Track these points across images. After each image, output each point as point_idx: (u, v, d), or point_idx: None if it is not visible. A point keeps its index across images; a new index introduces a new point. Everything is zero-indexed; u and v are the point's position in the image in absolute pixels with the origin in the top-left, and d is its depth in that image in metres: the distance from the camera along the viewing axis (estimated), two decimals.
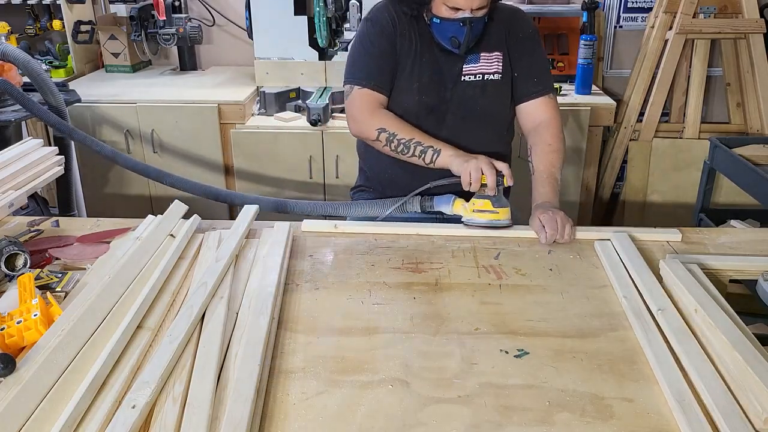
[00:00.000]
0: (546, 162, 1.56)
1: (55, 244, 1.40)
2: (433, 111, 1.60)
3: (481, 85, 1.59)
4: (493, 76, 1.60)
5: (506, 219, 1.47)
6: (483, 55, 1.59)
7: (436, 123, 1.60)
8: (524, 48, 1.62)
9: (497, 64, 1.60)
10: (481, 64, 1.59)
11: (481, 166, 1.42)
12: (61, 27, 3.23)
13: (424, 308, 1.18)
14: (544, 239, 1.41)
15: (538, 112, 1.63)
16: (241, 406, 0.88)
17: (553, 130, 1.60)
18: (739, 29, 2.93)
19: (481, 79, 1.59)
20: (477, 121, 1.62)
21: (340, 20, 2.89)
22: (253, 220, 1.46)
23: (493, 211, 1.46)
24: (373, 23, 1.60)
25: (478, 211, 1.47)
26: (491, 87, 1.60)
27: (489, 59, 1.59)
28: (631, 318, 1.12)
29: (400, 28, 1.58)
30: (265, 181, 2.84)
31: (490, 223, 1.47)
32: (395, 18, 1.58)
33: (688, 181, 3.03)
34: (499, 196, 1.46)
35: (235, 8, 3.34)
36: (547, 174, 1.55)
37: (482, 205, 1.46)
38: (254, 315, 1.10)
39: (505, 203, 1.48)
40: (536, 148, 1.60)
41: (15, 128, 2.39)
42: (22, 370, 0.93)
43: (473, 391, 0.96)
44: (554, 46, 3.16)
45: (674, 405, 0.91)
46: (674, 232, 1.43)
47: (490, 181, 1.43)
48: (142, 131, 2.86)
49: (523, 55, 1.62)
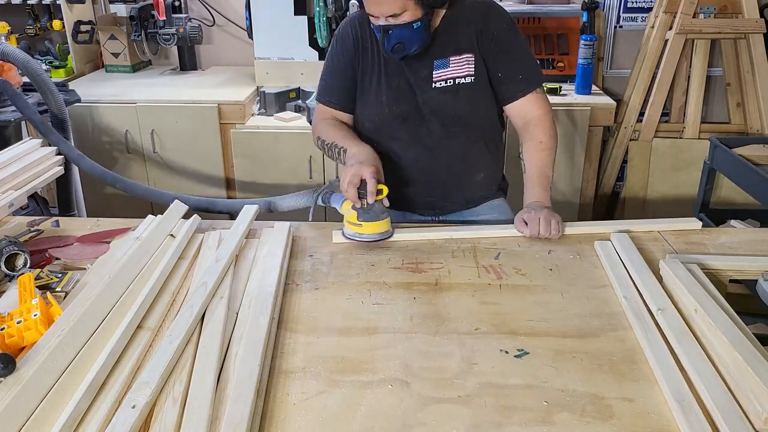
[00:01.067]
0: (537, 160, 1.55)
1: (55, 244, 1.40)
2: (408, 119, 1.57)
3: (453, 90, 1.54)
4: (465, 79, 1.54)
5: (371, 233, 1.40)
6: (452, 59, 1.53)
7: (413, 131, 1.58)
8: (501, 46, 1.54)
9: (468, 66, 1.54)
10: (450, 68, 1.54)
11: (348, 176, 1.38)
12: (61, 27, 3.23)
13: (424, 308, 1.18)
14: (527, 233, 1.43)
15: (527, 110, 1.58)
16: (241, 406, 0.88)
17: (544, 127, 1.56)
18: (739, 29, 2.93)
19: (453, 84, 1.54)
20: (456, 126, 1.58)
21: (340, 20, 2.88)
22: (253, 220, 1.47)
23: (357, 223, 1.40)
24: (337, 39, 1.62)
25: (349, 222, 1.42)
26: (464, 91, 1.55)
27: (459, 62, 1.54)
28: (631, 318, 1.12)
29: (363, 41, 1.57)
30: (265, 181, 2.84)
31: (354, 236, 1.41)
32: (358, 31, 1.57)
33: (688, 181, 3.03)
34: (368, 209, 1.39)
35: (235, 8, 3.34)
36: (537, 173, 1.54)
37: (350, 216, 1.41)
38: (254, 315, 1.10)
39: (375, 216, 1.40)
40: (527, 146, 1.57)
41: (15, 128, 2.39)
42: (22, 370, 0.93)
43: (473, 391, 0.96)
44: (554, 46, 3.16)
45: (674, 405, 0.91)
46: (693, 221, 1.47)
47: (350, 196, 1.38)
48: (142, 131, 2.86)
49: (501, 55, 1.54)
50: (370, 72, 1.58)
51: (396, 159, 1.60)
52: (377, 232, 1.41)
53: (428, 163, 1.60)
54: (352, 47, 1.57)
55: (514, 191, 1.82)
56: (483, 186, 1.69)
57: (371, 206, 1.39)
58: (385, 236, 1.42)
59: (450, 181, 1.63)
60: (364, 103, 1.60)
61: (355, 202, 1.39)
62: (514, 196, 1.75)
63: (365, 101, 1.60)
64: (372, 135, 1.60)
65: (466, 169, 1.63)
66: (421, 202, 1.66)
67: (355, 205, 1.39)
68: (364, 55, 1.57)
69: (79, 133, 2.78)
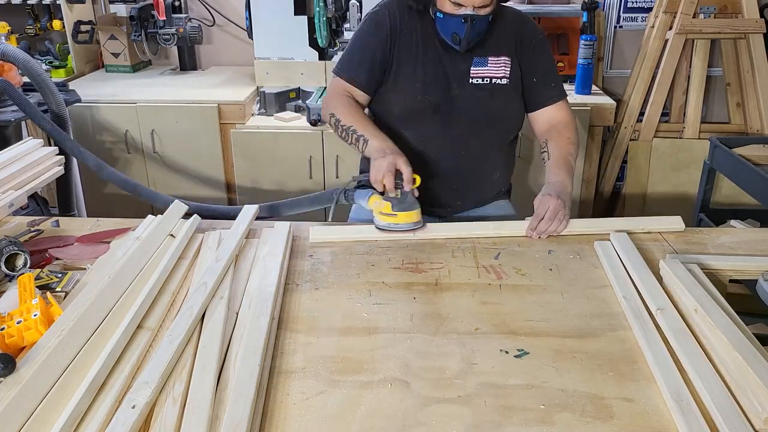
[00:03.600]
0: (564, 149, 1.57)
1: (55, 244, 1.40)
2: (439, 110, 1.59)
3: (489, 88, 1.59)
4: (501, 80, 1.59)
5: (407, 223, 1.42)
6: (491, 59, 1.59)
7: (442, 123, 1.60)
8: (537, 54, 1.62)
9: (504, 68, 1.59)
10: (489, 67, 1.58)
11: (384, 166, 1.39)
12: (61, 27, 3.23)
13: (424, 308, 1.18)
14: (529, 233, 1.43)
15: (557, 116, 1.64)
16: (241, 406, 0.88)
17: (571, 129, 1.63)
18: (739, 29, 2.93)
19: (489, 83, 1.59)
20: (485, 124, 1.61)
21: (340, 20, 2.89)
22: (253, 220, 1.46)
23: (392, 214, 1.42)
24: (371, 18, 1.61)
25: (381, 214, 1.44)
26: (499, 91, 1.60)
27: (497, 63, 1.59)
28: (630, 318, 1.12)
29: (402, 25, 1.57)
30: (265, 181, 2.84)
31: (389, 227, 1.43)
32: (396, 14, 1.58)
33: (688, 181, 3.03)
34: (402, 198, 1.42)
35: (235, 8, 3.34)
36: (563, 159, 1.55)
37: (383, 207, 1.43)
38: (254, 315, 1.10)
39: (409, 206, 1.42)
40: (553, 142, 1.60)
41: (15, 128, 2.39)
42: (22, 370, 0.93)
43: (473, 391, 0.96)
44: (554, 46, 3.16)
45: (672, 405, 0.91)
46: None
47: (388, 184, 1.39)
48: (142, 131, 2.86)
49: (537, 62, 1.62)
50: (406, 59, 1.58)
51: (419, 149, 1.61)
52: (412, 222, 1.44)
53: (451, 156, 1.62)
54: (387, 31, 1.58)
55: (515, 192, 1.84)
56: (495, 186, 1.73)
57: (405, 196, 1.42)
58: (418, 225, 1.44)
59: (468, 177, 1.66)
60: (395, 90, 1.61)
61: (391, 191, 1.40)
62: (515, 198, 1.77)
63: (397, 88, 1.60)
64: (399, 122, 1.61)
65: (486, 167, 1.67)
66: (436, 197, 1.67)
67: (390, 194, 1.41)
68: (401, 42, 1.58)
69: (79, 133, 2.77)
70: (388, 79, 1.60)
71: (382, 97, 1.63)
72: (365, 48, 1.60)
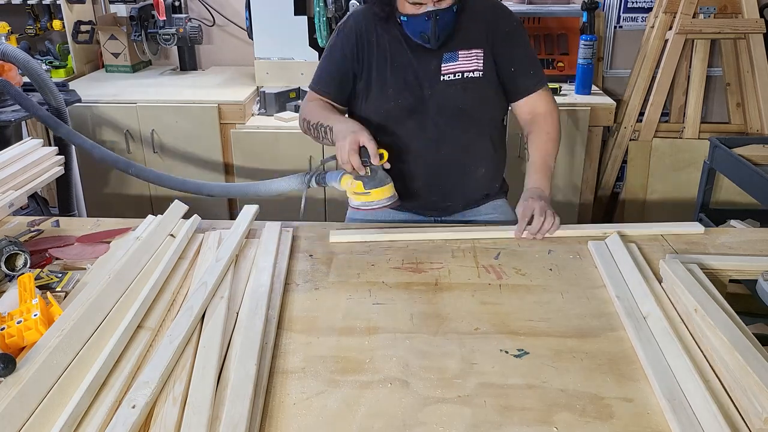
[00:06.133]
0: (542, 150, 1.57)
1: (55, 244, 1.40)
2: (414, 113, 1.57)
3: (461, 83, 1.56)
4: (473, 74, 1.56)
5: (380, 199, 1.40)
6: (461, 53, 1.55)
7: (418, 125, 1.58)
8: (512, 43, 1.58)
9: (477, 61, 1.56)
10: (459, 62, 1.55)
11: (347, 146, 1.37)
12: (61, 27, 3.23)
13: (424, 308, 1.18)
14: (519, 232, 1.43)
15: (538, 105, 1.61)
16: (239, 406, 0.88)
17: (552, 120, 1.61)
18: (739, 29, 2.93)
19: (461, 77, 1.55)
20: (461, 120, 1.59)
21: (340, 20, 2.88)
22: (253, 220, 1.47)
23: (365, 192, 1.39)
24: (339, 31, 1.62)
25: (355, 193, 1.41)
26: (471, 85, 1.56)
27: (468, 57, 1.56)
28: (624, 318, 1.12)
29: (368, 35, 1.57)
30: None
31: (363, 205, 1.41)
32: (362, 24, 1.58)
33: (688, 181, 3.03)
34: (372, 175, 1.39)
35: (235, 8, 3.34)
36: (541, 162, 1.56)
37: (355, 187, 1.40)
38: (254, 315, 1.10)
39: (380, 182, 1.40)
40: (534, 137, 1.60)
41: (15, 128, 2.39)
42: (22, 370, 0.93)
43: (473, 391, 0.96)
44: (554, 46, 3.16)
45: (665, 405, 0.91)
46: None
47: (354, 163, 1.36)
48: (142, 131, 2.86)
49: (513, 51, 1.58)
50: (375, 66, 1.57)
51: (401, 152, 1.59)
52: (386, 197, 1.41)
53: (433, 156, 1.60)
54: (354, 41, 1.57)
55: (515, 193, 1.82)
56: (484, 184, 1.69)
57: (375, 173, 1.39)
58: (393, 200, 1.43)
59: (453, 176, 1.64)
60: (368, 98, 1.60)
61: (359, 169, 1.38)
62: (514, 198, 1.75)
63: (370, 96, 1.59)
64: (377, 130, 1.60)
65: (468, 164, 1.64)
66: (423, 199, 1.66)
67: (360, 173, 1.39)
68: (369, 50, 1.57)
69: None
70: (360, 88, 1.60)
71: (357, 107, 1.63)
72: (335, 61, 1.61)
